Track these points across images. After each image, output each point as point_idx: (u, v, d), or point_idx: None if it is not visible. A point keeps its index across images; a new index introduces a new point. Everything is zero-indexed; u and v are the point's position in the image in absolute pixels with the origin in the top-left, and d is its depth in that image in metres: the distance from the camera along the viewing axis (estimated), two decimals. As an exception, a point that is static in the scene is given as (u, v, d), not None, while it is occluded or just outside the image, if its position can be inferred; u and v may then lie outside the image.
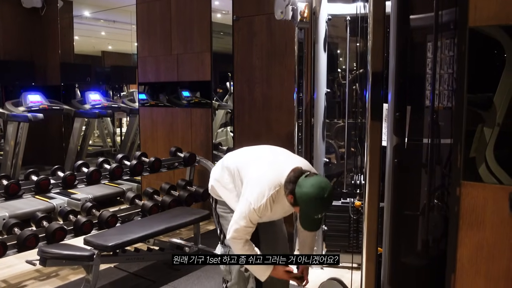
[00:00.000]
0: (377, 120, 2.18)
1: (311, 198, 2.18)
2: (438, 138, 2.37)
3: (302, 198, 2.21)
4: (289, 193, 2.27)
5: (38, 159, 7.18)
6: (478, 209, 1.83)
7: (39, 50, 7.66)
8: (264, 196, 2.30)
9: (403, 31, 2.28)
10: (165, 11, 5.58)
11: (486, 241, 1.82)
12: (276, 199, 2.34)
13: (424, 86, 2.39)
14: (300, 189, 2.21)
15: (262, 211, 2.31)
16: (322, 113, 3.44)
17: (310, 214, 2.28)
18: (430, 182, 2.32)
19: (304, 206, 2.24)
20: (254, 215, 2.32)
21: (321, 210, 2.26)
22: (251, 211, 2.31)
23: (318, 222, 2.35)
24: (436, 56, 2.29)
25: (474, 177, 1.85)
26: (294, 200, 2.25)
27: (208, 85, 5.30)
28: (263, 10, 4.54)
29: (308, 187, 2.19)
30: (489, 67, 1.86)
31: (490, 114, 1.83)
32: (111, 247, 3.29)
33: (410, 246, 2.43)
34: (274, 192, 2.32)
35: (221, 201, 2.67)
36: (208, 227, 4.97)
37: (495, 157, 1.83)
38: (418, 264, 2.45)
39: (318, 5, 3.28)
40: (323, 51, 3.36)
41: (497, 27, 1.77)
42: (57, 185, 3.73)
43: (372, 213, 2.23)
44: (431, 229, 2.39)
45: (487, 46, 1.84)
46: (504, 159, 1.82)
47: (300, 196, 2.21)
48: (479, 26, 1.80)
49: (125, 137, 7.59)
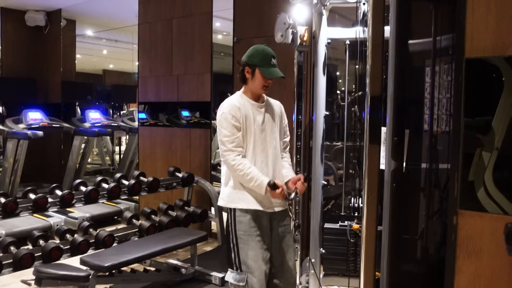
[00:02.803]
0: (375, 144, 2.18)
1: (254, 49, 2.65)
2: (437, 162, 2.37)
3: (249, 56, 2.64)
4: (243, 69, 2.65)
5: (37, 177, 7.16)
6: (476, 238, 1.82)
7: (41, 68, 7.72)
8: (226, 101, 2.66)
9: (401, 55, 2.30)
10: (167, 32, 5.63)
11: (483, 270, 1.80)
12: (242, 103, 2.64)
13: (423, 110, 2.40)
14: (245, 55, 2.67)
15: (233, 110, 2.58)
16: (320, 135, 3.44)
17: (264, 62, 2.61)
18: (428, 206, 2.32)
19: (254, 59, 2.62)
20: (228, 119, 2.56)
21: (268, 53, 2.64)
22: (225, 117, 2.58)
23: (276, 67, 2.66)
24: (434, 81, 2.31)
25: (472, 205, 1.85)
26: (249, 66, 2.63)
27: (208, 106, 5.32)
28: (263, 33, 4.59)
29: (249, 50, 2.68)
30: (487, 92, 1.87)
31: (488, 138, 1.84)
32: (107, 268, 3.26)
33: (408, 270, 2.41)
34: (236, 95, 2.71)
35: (244, 223, 2.60)
36: (205, 248, 4.94)
37: (493, 181, 1.83)
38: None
39: (318, 29, 3.31)
40: (322, 74, 3.37)
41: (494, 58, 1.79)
42: (54, 204, 3.72)
43: (370, 236, 2.22)
44: (429, 254, 2.37)
45: (484, 72, 1.86)
46: (502, 183, 1.82)
47: (247, 56, 2.65)
48: (475, 57, 1.82)
49: (124, 156, 7.59)
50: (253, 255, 2.56)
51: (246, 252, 2.56)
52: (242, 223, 2.60)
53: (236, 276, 2.59)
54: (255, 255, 2.56)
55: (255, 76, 2.63)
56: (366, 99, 2.24)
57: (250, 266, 2.55)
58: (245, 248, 2.56)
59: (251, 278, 2.54)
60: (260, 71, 2.61)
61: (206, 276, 3.96)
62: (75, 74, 7.94)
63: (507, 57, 1.75)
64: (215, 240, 5.13)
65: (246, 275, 2.55)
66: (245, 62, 2.65)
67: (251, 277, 2.54)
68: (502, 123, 1.80)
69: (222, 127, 2.59)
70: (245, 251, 2.56)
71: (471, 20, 1.81)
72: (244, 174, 2.51)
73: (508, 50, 1.74)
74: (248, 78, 2.65)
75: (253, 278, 2.54)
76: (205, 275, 3.97)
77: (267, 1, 4.65)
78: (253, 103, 2.67)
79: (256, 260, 2.56)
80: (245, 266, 2.57)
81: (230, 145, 2.56)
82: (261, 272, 2.56)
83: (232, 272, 2.63)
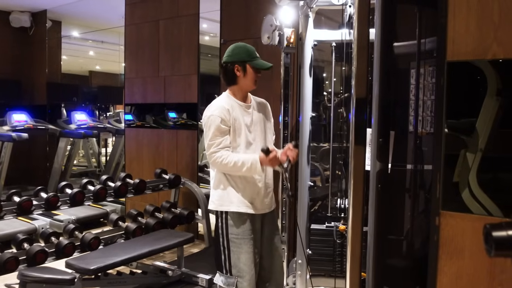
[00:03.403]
0: (360, 145, 2.19)
1: (236, 47, 2.65)
2: (422, 163, 2.39)
3: (235, 54, 2.63)
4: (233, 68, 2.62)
5: (22, 179, 7.08)
6: (458, 239, 1.84)
7: (26, 70, 7.64)
8: (214, 103, 2.63)
9: (386, 58, 2.32)
10: (154, 33, 5.61)
11: (465, 270, 1.83)
12: (230, 104, 2.62)
13: (408, 112, 2.42)
14: (227, 55, 2.64)
15: (222, 113, 2.55)
16: (307, 136, 3.46)
17: (252, 56, 2.63)
18: (413, 207, 2.34)
19: (243, 55, 2.62)
20: (216, 122, 2.52)
21: (250, 47, 2.66)
22: (213, 119, 2.53)
23: (262, 60, 2.69)
24: (419, 82, 2.33)
25: (455, 206, 1.87)
26: (238, 64, 2.61)
27: (195, 107, 5.32)
28: (250, 34, 4.60)
29: (229, 50, 2.65)
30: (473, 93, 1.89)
31: (473, 139, 1.86)
32: (93, 271, 3.24)
33: (394, 271, 2.43)
34: (223, 96, 2.69)
35: (236, 225, 2.57)
36: (192, 250, 4.92)
37: (478, 182, 1.85)
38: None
39: (304, 31, 3.33)
40: (308, 76, 3.39)
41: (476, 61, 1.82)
42: (39, 206, 3.68)
43: (356, 237, 2.22)
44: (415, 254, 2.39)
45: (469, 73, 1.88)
46: (486, 184, 1.84)
47: (233, 55, 2.63)
48: (457, 61, 1.85)
49: (110, 157, 7.54)
50: (245, 259, 2.54)
51: (238, 255, 2.54)
52: (234, 226, 2.57)
53: (226, 279, 2.57)
54: (247, 259, 2.55)
55: (247, 72, 2.62)
56: (351, 101, 2.25)
57: (241, 269, 2.53)
58: (237, 251, 2.54)
59: (241, 282, 2.52)
60: (251, 66, 2.62)
61: (193, 278, 3.95)
62: (61, 75, 7.87)
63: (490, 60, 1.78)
64: (202, 242, 5.12)
65: (236, 279, 2.53)
66: (233, 61, 2.62)
67: (242, 281, 2.52)
68: (486, 124, 1.83)
69: (209, 130, 2.55)
70: (237, 255, 2.54)
71: (452, 24, 1.84)
72: (234, 163, 2.49)
73: (488, 53, 1.77)
74: (239, 76, 2.63)
75: (243, 282, 2.52)
76: (192, 277, 3.96)
77: (254, 3, 4.67)
78: (240, 104, 2.66)
79: (248, 264, 2.54)
80: (236, 269, 2.54)
81: (216, 147, 2.53)
82: (252, 276, 2.55)
83: (221, 275, 2.60)
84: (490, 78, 1.82)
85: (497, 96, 1.80)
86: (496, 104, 1.80)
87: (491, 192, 1.83)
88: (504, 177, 1.84)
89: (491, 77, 1.81)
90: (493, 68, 1.79)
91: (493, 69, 1.79)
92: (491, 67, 1.79)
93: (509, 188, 1.81)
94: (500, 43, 1.74)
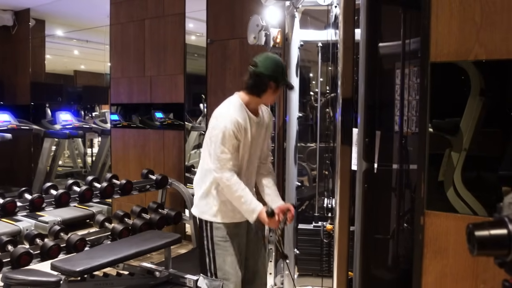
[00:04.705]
0: (347, 145, 2.21)
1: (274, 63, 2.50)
2: (407, 163, 2.41)
3: (273, 70, 2.47)
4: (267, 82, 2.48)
5: (5, 180, 7.00)
6: (442, 238, 1.86)
7: (9, 69, 7.55)
8: (230, 114, 2.45)
9: (372, 58, 2.34)
10: (139, 32, 5.58)
11: (449, 269, 1.85)
12: (243, 117, 2.48)
13: (393, 112, 2.44)
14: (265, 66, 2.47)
15: (236, 127, 2.42)
16: (294, 136, 3.47)
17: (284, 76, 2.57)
18: (399, 206, 2.36)
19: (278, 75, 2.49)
20: (231, 137, 2.40)
21: (285, 68, 2.62)
22: (228, 133, 2.40)
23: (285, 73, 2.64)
24: (404, 83, 2.35)
25: (440, 205, 1.89)
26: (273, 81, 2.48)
27: (181, 107, 5.30)
28: (237, 34, 4.59)
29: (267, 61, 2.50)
30: (454, 94, 1.91)
31: (457, 139, 1.88)
32: (79, 273, 3.20)
33: (380, 270, 2.45)
34: (238, 105, 2.51)
35: (220, 227, 2.52)
36: (180, 250, 4.91)
37: (462, 181, 1.87)
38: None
39: (291, 31, 3.34)
40: (295, 76, 3.40)
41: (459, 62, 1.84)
42: (24, 208, 3.63)
43: (343, 237, 2.24)
44: (401, 253, 2.42)
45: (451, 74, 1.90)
46: (471, 183, 1.86)
47: (270, 70, 2.47)
48: (440, 62, 1.87)
49: (96, 158, 7.48)
50: (230, 261, 2.51)
51: (223, 258, 2.50)
52: (220, 229, 2.53)
53: (211, 282, 2.53)
54: (233, 261, 2.51)
55: (277, 90, 2.54)
56: (338, 101, 2.27)
57: (227, 272, 2.50)
58: (222, 254, 2.50)
59: (227, 284, 2.49)
60: (281, 85, 2.56)
61: (181, 279, 3.93)
62: (45, 75, 7.78)
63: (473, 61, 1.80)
64: (189, 243, 5.10)
65: (222, 282, 2.50)
66: (270, 75, 2.47)
67: (228, 283, 2.49)
68: (470, 124, 1.85)
69: (221, 143, 2.41)
70: (222, 257, 2.51)
71: (435, 25, 1.86)
72: (238, 195, 2.40)
73: (471, 54, 1.79)
74: (269, 91, 2.50)
75: (229, 284, 2.49)
76: (179, 278, 3.94)
77: (240, 3, 4.66)
78: (252, 116, 2.54)
79: (233, 267, 2.51)
80: (221, 272, 2.51)
81: (227, 164, 2.42)
82: (238, 278, 2.53)
83: (206, 278, 2.56)
84: (473, 78, 1.84)
85: (481, 96, 1.83)
86: (479, 104, 1.83)
87: (476, 191, 1.85)
88: (488, 176, 1.86)
89: (474, 77, 1.84)
90: (476, 68, 1.82)
91: (476, 69, 1.82)
92: (474, 67, 1.82)
93: (493, 186, 1.84)
94: (482, 44, 1.76)
